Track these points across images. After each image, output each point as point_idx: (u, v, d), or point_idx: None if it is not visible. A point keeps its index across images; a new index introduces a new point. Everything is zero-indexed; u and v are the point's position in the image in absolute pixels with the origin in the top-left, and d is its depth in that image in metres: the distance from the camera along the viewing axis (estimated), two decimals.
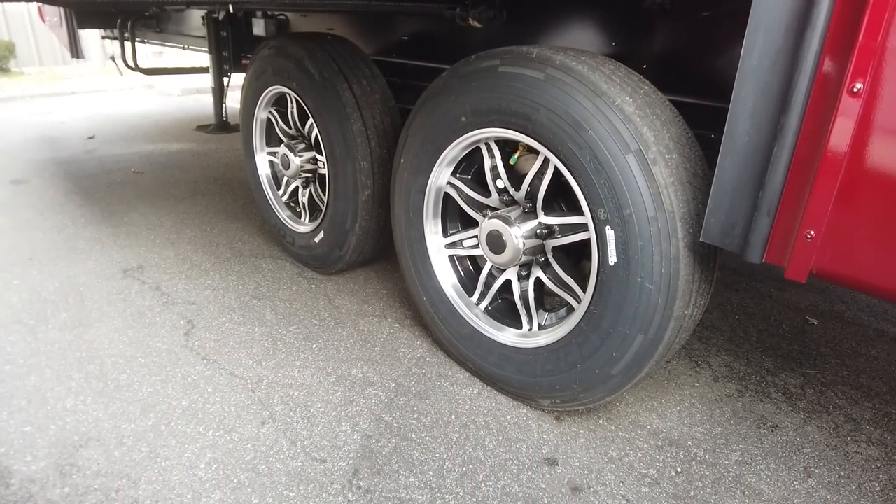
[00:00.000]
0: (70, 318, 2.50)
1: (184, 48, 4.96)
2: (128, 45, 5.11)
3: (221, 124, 5.53)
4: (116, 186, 4.24)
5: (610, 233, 1.56)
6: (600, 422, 1.95)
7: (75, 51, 5.40)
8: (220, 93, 5.10)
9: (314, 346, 2.32)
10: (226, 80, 4.91)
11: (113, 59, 5.38)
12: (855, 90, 1.06)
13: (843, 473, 1.79)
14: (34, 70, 10.64)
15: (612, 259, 1.57)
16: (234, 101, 5.53)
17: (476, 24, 2.32)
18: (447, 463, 1.76)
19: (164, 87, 8.76)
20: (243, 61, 4.54)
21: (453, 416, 1.96)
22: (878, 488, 1.74)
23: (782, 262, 1.25)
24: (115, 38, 5.24)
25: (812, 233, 1.18)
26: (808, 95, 1.13)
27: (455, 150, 1.93)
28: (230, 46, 4.31)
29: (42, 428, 1.87)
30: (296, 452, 1.79)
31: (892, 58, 1.03)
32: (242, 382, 2.10)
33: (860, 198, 1.11)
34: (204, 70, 5.20)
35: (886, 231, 1.10)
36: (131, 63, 5.12)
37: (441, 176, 2.02)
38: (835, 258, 1.17)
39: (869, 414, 2.05)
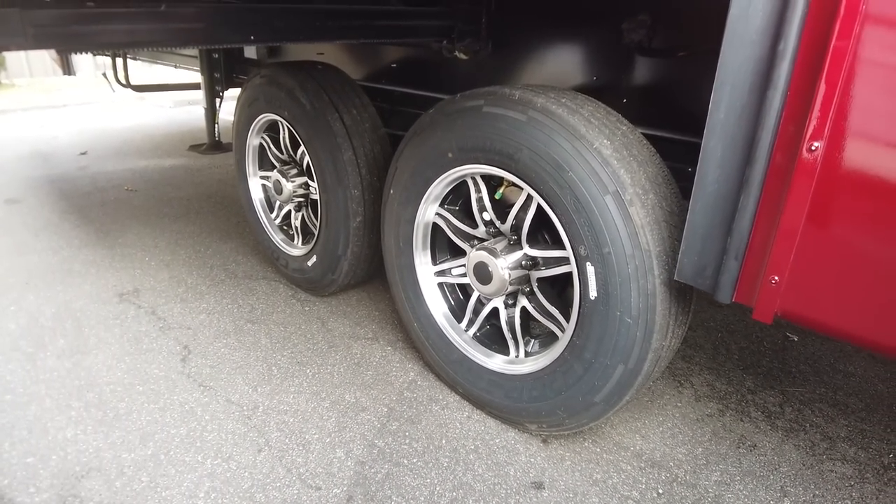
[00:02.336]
0: (68, 344, 2.54)
1: (175, 66, 5.01)
2: (119, 61, 5.16)
3: (214, 144, 5.57)
4: (110, 205, 4.29)
5: (590, 269, 1.63)
6: (586, 444, 2.02)
7: (67, 68, 5.45)
8: (212, 113, 5.14)
9: (308, 370, 2.38)
10: (217, 100, 4.95)
11: (105, 75, 5.42)
12: (813, 148, 1.14)
13: (817, 492, 1.86)
14: (25, 82, 10.63)
15: (593, 293, 1.64)
16: (226, 113, 5.57)
17: (462, 56, 2.39)
18: (438, 488, 1.83)
19: (155, 98, 8.77)
20: (236, 78, 4.59)
21: (444, 441, 2.02)
22: None
23: (750, 304, 1.32)
24: (106, 55, 5.28)
25: (776, 278, 1.25)
26: (771, 151, 1.20)
27: (442, 184, 2.00)
28: (222, 67, 4.36)
29: (44, 458, 1.92)
30: (292, 480, 1.85)
31: (846, 121, 1.10)
32: (239, 409, 2.15)
33: (819, 248, 1.19)
34: (196, 86, 5.24)
35: (843, 279, 1.18)
36: (123, 80, 5.16)
37: (429, 208, 2.09)
38: (797, 302, 1.24)
39: (844, 431, 2.13)
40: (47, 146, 6.05)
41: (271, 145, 2.94)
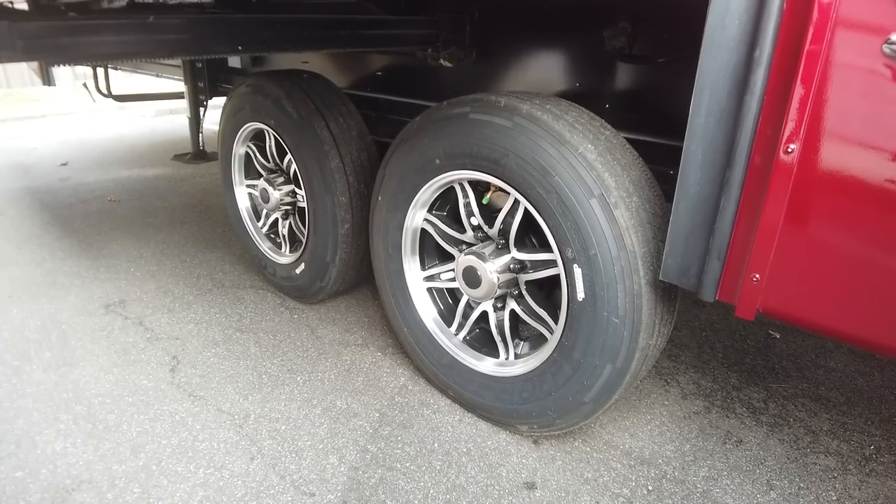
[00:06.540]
0: (54, 357, 2.52)
1: (157, 76, 4.99)
2: (100, 71, 5.12)
3: (198, 153, 5.54)
4: (93, 216, 4.25)
5: (577, 270, 1.66)
6: (576, 444, 2.05)
7: (47, 78, 5.40)
8: (196, 123, 5.11)
9: (299, 378, 2.39)
10: (201, 109, 4.93)
11: (85, 85, 5.38)
12: (789, 150, 1.18)
13: (802, 485, 1.91)
14: (1, 92, 10.49)
15: (581, 295, 1.68)
16: (210, 122, 5.55)
17: (447, 63, 2.42)
18: (431, 491, 1.85)
19: (137, 108, 8.71)
20: (219, 87, 4.58)
21: (436, 444, 2.04)
22: (834, 497, 1.86)
23: (733, 301, 1.36)
24: (87, 65, 5.24)
25: (757, 276, 1.29)
26: (749, 153, 1.24)
27: (430, 190, 2.02)
28: (206, 77, 4.35)
29: (33, 472, 1.90)
30: (285, 487, 1.85)
31: (820, 123, 1.15)
32: (230, 418, 2.15)
33: (797, 247, 1.23)
34: (179, 95, 5.21)
35: (820, 276, 1.22)
36: (104, 90, 5.12)
37: (417, 213, 2.11)
38: (777, 299, 1.28)
39: (827, 425, 2.19)
40: (27, 157, 5.97)
41: (257, 154, 2.94)
